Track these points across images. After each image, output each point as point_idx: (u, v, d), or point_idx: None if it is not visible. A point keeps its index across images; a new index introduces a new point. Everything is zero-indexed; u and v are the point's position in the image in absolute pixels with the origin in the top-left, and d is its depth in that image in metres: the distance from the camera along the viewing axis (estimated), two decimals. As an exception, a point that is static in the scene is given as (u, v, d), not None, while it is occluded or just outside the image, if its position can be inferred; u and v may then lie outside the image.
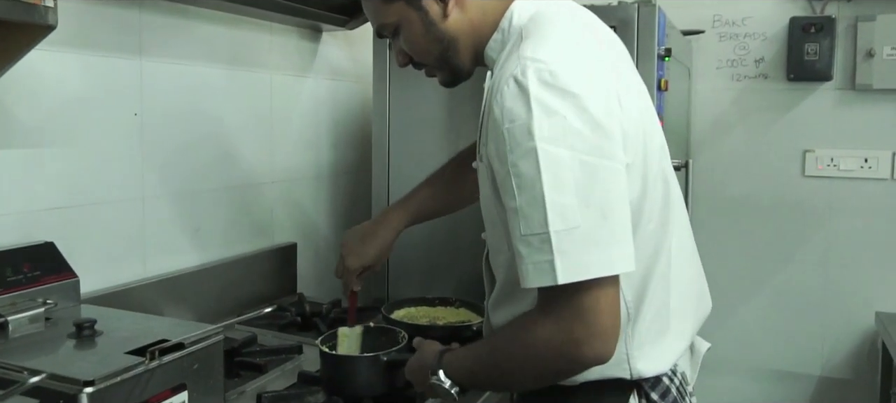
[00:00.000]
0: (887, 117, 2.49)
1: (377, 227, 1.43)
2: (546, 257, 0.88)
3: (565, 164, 0.88)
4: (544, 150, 0.88)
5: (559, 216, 0.87)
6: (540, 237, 0.88)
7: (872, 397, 2.53)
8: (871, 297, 2.55)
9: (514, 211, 0.91)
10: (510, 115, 0.91)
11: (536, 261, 0.89)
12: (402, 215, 1.44)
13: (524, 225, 0.90)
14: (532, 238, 0.89)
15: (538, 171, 0.88)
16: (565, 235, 0.87)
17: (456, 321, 1.71)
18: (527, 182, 0.89)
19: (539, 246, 0.89)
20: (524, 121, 0.89)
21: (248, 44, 1.90)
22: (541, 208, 0.88)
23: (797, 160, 2.63)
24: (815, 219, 2.62)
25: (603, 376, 0.99)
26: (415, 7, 1.06)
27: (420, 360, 1.15)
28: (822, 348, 2.66)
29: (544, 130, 0.88)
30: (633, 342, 0.99)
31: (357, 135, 2.39)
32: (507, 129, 0.91)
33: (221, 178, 1.84)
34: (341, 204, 2.36)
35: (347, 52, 2.32)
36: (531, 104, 0.89)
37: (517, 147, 0.90)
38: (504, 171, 0.93)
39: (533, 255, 0.89)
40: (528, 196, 0.89)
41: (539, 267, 0.89)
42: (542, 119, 0.89)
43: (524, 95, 0.90)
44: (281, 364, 1.51)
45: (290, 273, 2.10)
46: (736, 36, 2.62)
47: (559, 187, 0.88)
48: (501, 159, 0.93)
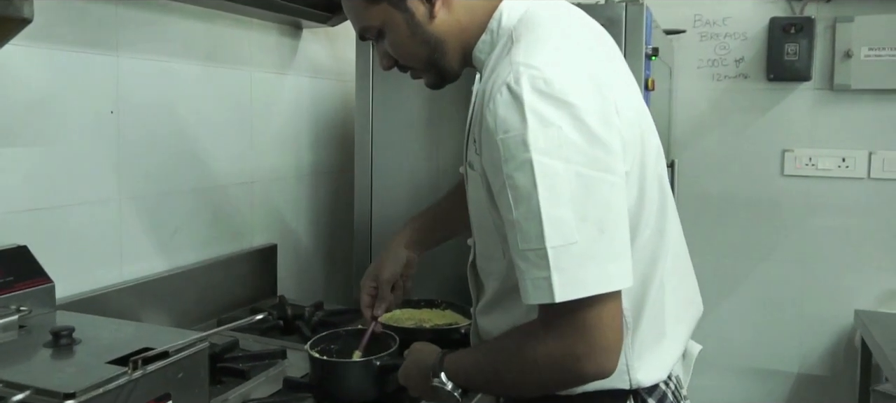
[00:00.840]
0: (864, 117, 2.53)
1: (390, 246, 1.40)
2: (543, 273, 0.86)
3: (561, 177, 0.85)
4: (540, 163, 0.85)
5: (556, 231, 0.85)
6: (537, 252, 0.86)
7: (850, 393, 2.56)
8: (849, 295, 2.59)
9: (512, 224, 0.89)
10: (504, 125, 0.88)
11: (534, 278, 0.87)
12: (410, 232, 1.40)
13: (522, 240, 0.88)
14: (530, 253, 0.87)
15: (534, 185, 0.85)
16: (563, 251, 0.85)
17: (443, 323, 1.68)
18: (523, 195, 0.87)
19: (537, 262, 0.86)
20: (519, 131, 0.86)
21: (227, 40, 1.85)
22: (537, 222, 0.86)
23: (776, 159, 2.65)
24: (794, 218, 2.65)
25: (601, 387, 0.96)
26: (400, 9, 1.02)
27: (418, 363, 1.12)
28: (801, 345, 2.69)
29: (540, 142, 0.86)
30: (633, 352, 0.97)
31: (338, 135, 2.35)
32: (501, 140, 0.88)
33: (200, 178, 1.79)
34: (322, 205, 2.31)
35: (328, 50, 2.28)
36: (526, 114, 0.86)
37: (512, 158, 0.87)
38: (499, 182, 0.90)
39: (531, 271, 0.87)
40: (525, 209, 0.87)
41: (537, 283, 0.87)
42: (538, 130, 0.86)
43: (518, 104, 0.87)
44: (264, 369, 1.47)
45: (269, 275, 2.05)
46: (716, 36, 2.64)
47: (556, 201, 0.85)
48: (496, 170, 0.90)
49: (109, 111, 1.50)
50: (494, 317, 1.09)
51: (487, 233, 1.03)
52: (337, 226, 2.38)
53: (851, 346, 2.59)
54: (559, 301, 0.85)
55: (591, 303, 0.86)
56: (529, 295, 0.88)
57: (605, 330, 0.87)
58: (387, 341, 1.36)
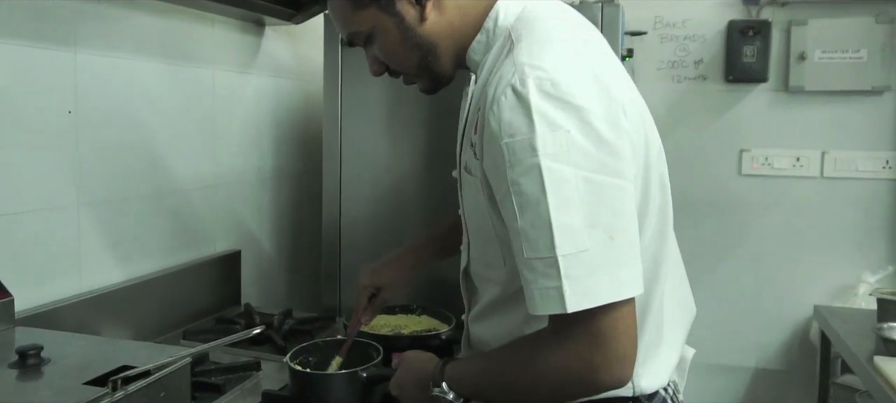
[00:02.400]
0: (817, 118, 2.60)
1: (401, 254, 1.37)
2: (553, 283, 0.82)
3: (570, 183, 0.82)
4: (549, 168, 0.82)
5: (566, 239, 0.82)
6: (545, 261, 0.83)
7: (806, 387, 2.63)
8: (804, 291, 2.66)
9: (517, 232, 0.86)
10: (509, 129, 0.85)
11: (543, 287, 0.83)
12: (426, 247, 1.38)
13: (528, 248, 0.84)
14: (537, 262, 0.84)
15: (543, 191, 0.82)
16: (573, 259, 0.82)
17: (421, 329, 1.64)
18: (530, 201, 0.83)
19: (545, 271, 0.83)
20: (526, 135, 0.83)
21: (189, 37, 1.76)
22: (546, 230, 0.82)
23: (734, 159, 2.71)
24: (752, 217, 2.71)
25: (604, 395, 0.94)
26: (389, 12, 0.98)
27: (415, 372, 1.07)
28: (758, 341, 2.75)
29: (548, 146, 0.82)
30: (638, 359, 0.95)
31: (301, 136, 2.28)
32: (506, 144, 0.85)
33: (162, 182, 1.70)
34: (285, 209, 2.24)
35: (291, 49, 2.21)
36: (533, 117, 0.83)
37: (518, 163, 0.84)
38: (503, 189, 0.87)
39: (539, 280, 0.84)
40: (532, 216, 0.83)
41: (546, 293, 0.83)
42: (546, 133, 0.83)
43: (525, 107, 0.84)
44: (239, 382, 1.40)
45: (233, 282, 1.97)
46: (676, 38, 2.68)
47: (565, 208, 0.82)
48: (500, 175, 0.87)
49: (67, 111, 1.40)
50: (489, 325, 1.05)
51: (486, 240, 1.00)
52: (301, 231, 2.31)
53: (806, 341, 2.67)
54: (571, 311, 0.82)
55: (605, 312, 0.83)
56: (537, 305, 0.85)
57: (621, 338, 0.84)
58: (367, 351, 1.31)
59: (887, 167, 2.57)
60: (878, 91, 2.53)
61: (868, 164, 2.58)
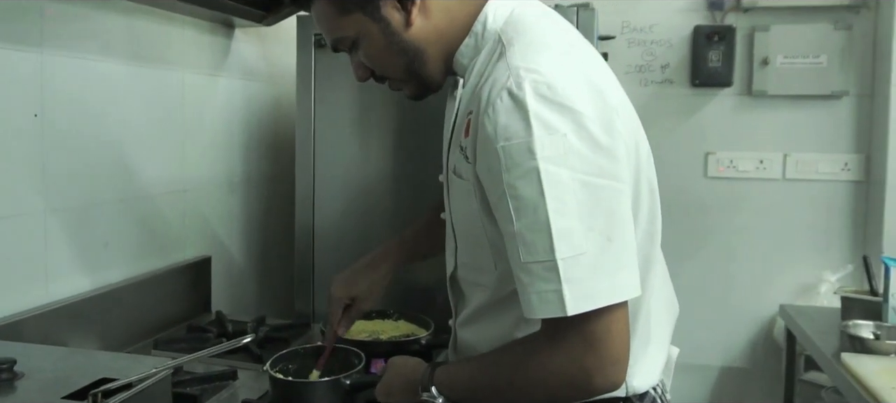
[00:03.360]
0: (780, 121, 2.67)
1: (370, 261, 1.32)
2: (552, 286, 0.82)
3: (567, 186, 0.82)
4: (546, 171, 0.82)
5: (565, 242, 0.82)
6: (544, 265, 0.82)
7: (771, 384, 2.69)
8: (768, 290, 2.72)
9: (512, 236, 0.85)
10: (506, 132, 0.84)
11: (541, 291, 0.83)
12: (396, 249, 1.34)
13: (525, 252, 0.84)
14: (534, 265, 0.83)
15: (541, 194, 0.82)
16: (572, 262, 0.82)
17: (399, 335, 1.63)
18: (527, 205, 0.83)
19: (544, 275, 0.83)
20: (523, 139, 0.83)
21: (159, 38, 1.72)
22: (545, 234, 0.82)
23: (700, 162, 2.76)
24: (716, 218, 2.76)
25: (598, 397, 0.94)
26: (374, 18, 0.97)
27: (402, 378, 1.06)
28: (724, 340, 2.80)
29: (545, 149, 0.82)
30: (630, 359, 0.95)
31: (271, 139, 2.25)
32: (503, 147, 0.84)
33: (130, 187, 1.65)
34: (255, 214, 2.20)
35: (261, 51, 2.17)
36: (531, 120, 0.83)
37: (515, 167, 0.83)
38: (498, 192, 0.86)
39: (537, 284, 0.83)
40: (530, 220, 0.83)
41: (545, 296, 0.83)
42: (544, 137, 0.82)
43: (521, 111, 0.84)
44: (216, 392, 1.36)
45: (203, 289, 1.93)
46: (643, 42, 2.71)
47: (563, 211, 0.82)
48: (495, 179, 0.86)
49: (33, 114, 1.35)
50: (479, 329, 1.05)
51: (476, 244, 0.99)
52: (272, 236, 2.27)
53: (771, 339, 2.73)
54: (571, 314, 0.81)
55: (600, 315, 0.83)
56: (535, 309, 0.85)
57: (614, 341, 0.84)
58: (348, 357, 1.30)
59: (846, 169, 2.65)
60: (837, 95, 2.61)
61: (828, 166, 2.66)
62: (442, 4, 0.99)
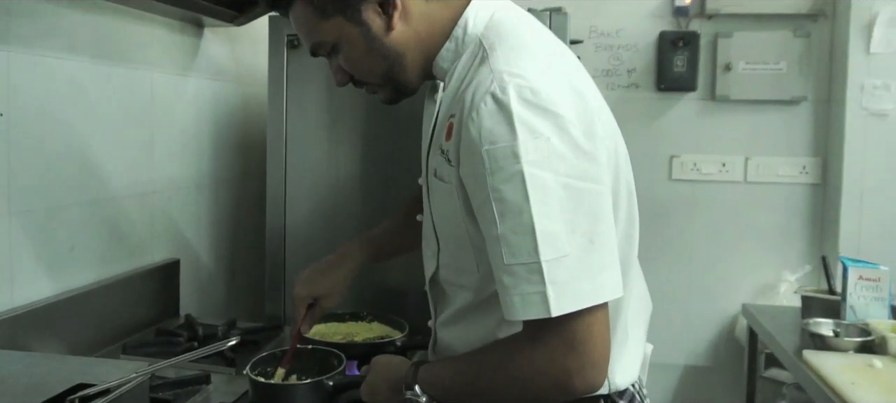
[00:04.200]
0: (742, 125, 2.74)
1: (332, 260, 1.32)
2: (537, 288, 0.83)
3: (551, 189, 0.84)
4: (531, 174, 0.83)
5: (549, 244, 0.83)
6: (528, 267, 0.83)
7: (732, 381, 2.76)
8: (730, 290, 2.79)
9: (496, 239, 0.86)
10: (490, 136, 0.85)
11: (525, 292, 0.84)
12: (359, 249, 1.33)
13: (509, 254, 0.85)
14: (518, 267, 0.84)
15: (526, 197, 0.83)
16: (556, 264, 0.83)
17: (374, 336, 1.62)
18: (512, 208, 0.84)
19: (527, 277, 0.84)
20: (508, 142, 0.84)
21: (126, 37, 1.68)
22: (529, 236, 0.83)
23: (664, 164, 2.81)
24: (680, 219, 2.82)
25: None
26: (355, 22, 0.97)
27: (386, 377, 1.06)
28: (687, 339, 2.87)
29: (530, 153, 0.83)
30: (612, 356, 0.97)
31: (240, 141, 2.22)
32: (487, 151, 0.85)
33: (97, 189, 1.61)
34: (224, 216, 2.17)
35: (230, 51, 2.15)
36: (515, 125, 0.84)
37: (500, 170, 0.84)
38: (482, 195, 0.87)
39: (520, 286, 0.84)
40: (514, 223, 0.84)
41: (528, 298, 0.84)
42: (528, 141, 0.83)
43: (506, 115, 0.85)
44: (189, 397, 1.34)
45: (172, 293, 1.89)
46: (611, 47, 2.76)
47: (547, 214, 0.83)
48: (479, 182, 0.87)
49: (-1, 113, 1.31)
50: (460, 330, 1.05)
51: (459, 246, 0.99)
52: (241, 238, 2.24)
53: (733, 338, 2.80)
54: (555, 315, 0.83)
55: (581, 317, 0.84)
56: (517, 311, 0.85)
57: (595, 343, 0.86)
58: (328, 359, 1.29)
59: (804, 172, 2.73)
60: (796, 100, 2.70)
61: (787, 169, 2.74)
62: (422, 9, 0.99)
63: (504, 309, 0.87)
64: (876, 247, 2.41)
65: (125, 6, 1.65)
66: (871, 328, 1.88)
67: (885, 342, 1.80)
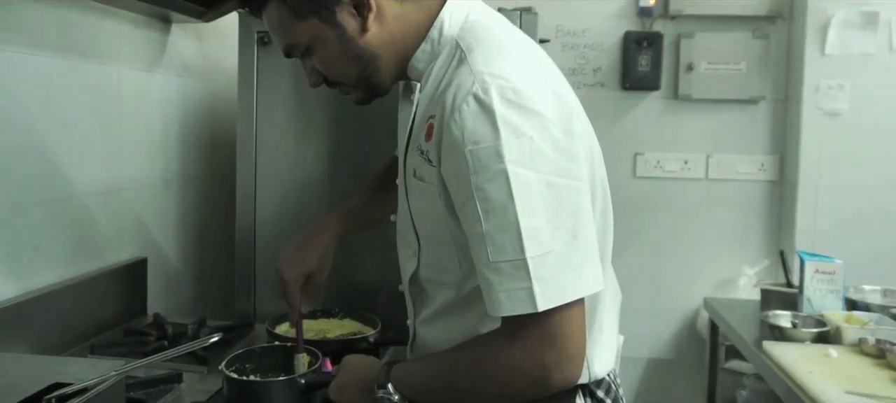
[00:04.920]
0: (703, 124, 2.81)
1: (314, 235, 1.30)
2: (523, 284, 0.85)
3: (534, 187, 0.86)
4: (515, 173, 0.85)
5: (534, 241, 0.85)
6: (513, 263, 0.85)
7: (695, 373, 2.83)
8: (692, 285, 2.86)
9: (480, 237, 0.87)
10: (474, 136, 0.87)
11: (511, 289, 0.86)
12: (339, 220, 1.32)
13: (494, 252, 0.86)
14: (504, 264, 0.86)
15: (510, 196, 0.85)
16: (541, 260, 0.85)
17: (346, 333, 1.63)
18: (496, 206, 0.86)
19: (513, 273, 0.85)
20: (491, 142, 0.86)
21: (91, 31, 1.66)
22: (514, 234, 0.85)
23: (629, 162, 2.87)
24: (644, 216, 2.88)
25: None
26: (330, 23, 0.98)
27: (357, 376, 1.07)
28: (650, 332, 2.93)
29: (513, 152, 0.85)
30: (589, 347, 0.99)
31: (207, 138, 2.20)
32: (471, 151, 0.87)
33: (62, 187, 1.58)
34: (192, 214, 2.15)
35: (197, 47, 2.12)
36: (498, 124, 0.86)
37: (484, 170, 0.86)
38: (466, 194, 0.89)
39: (506, 282, 0.86)
40: (499, 221, 0.86)
41: (514, 294, 0.85)
42: (511, 140, 0.85)
43: (489, 115, 0.86)
44: (161, 396, 1.33)
45: (139, 292, 1.87)
46: (577, 46, 2.80)
47: (531, 211, 0.85)
48: (462, 181, 0.89)
49: (-38, 110, 1.28)
50: (440, 327, 1.07)
51: (441, 244, 1.01)
52: (209, 236, 2.22)
53: (694, 331, 2.87)
54: (542, 309, 0.84)
55: (559, 312, 0.86)
56: (503, 307, 0.87)
57: (572, 338, 0.88)
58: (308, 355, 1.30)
59: (762, 169, 2.82)
60: (755, 100, 2.78)
61: (746, 167, 2.82)
62: (397, 11, 1.00)
63: (488, 305, 0.89)
64: (831, 242, 2.49)
65: (95, 2, 1.62)
66: (827, 319, 1.96)
67: (840, 332, 1.88)
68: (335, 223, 1.31)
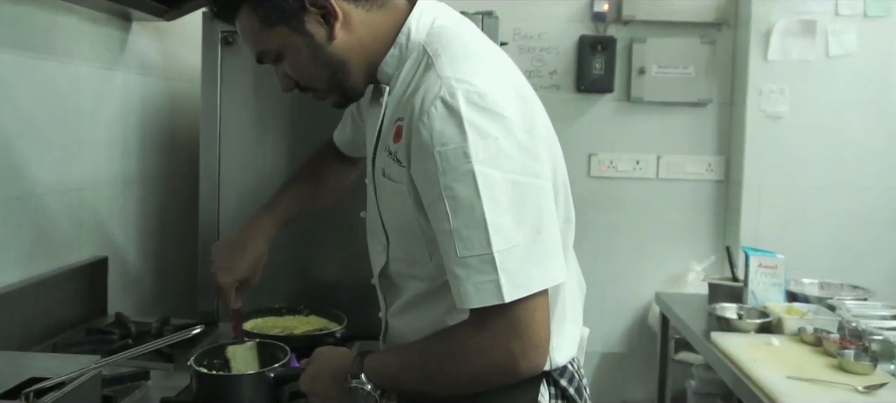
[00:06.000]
0: (654, 125, 2.92)
1: (245, 238, 1.33)
2: (490, 277, 0.89)
3: (500, 186, 0.90)
4: (481, 173, 0.90)
5: (500, 236, 0.89)
6: (481, 258, 0.90)
7: (646, 365, 2.93)
8: (643, 281, 2.97)
9: (449, 233, 0.92)
10: (442, 138, 0.91)
11: (479, 282, 0.90)
12: (270, 221, 1.36)
13: (462, 247, 0.91)
14: (472, 259, 0.90)
15: (477, 194, 0.89)
16: (507, 254, 0.90)
17: (312, 329, 1.65)
18: (464, 204, 0.90)
19: (480, 267, 0.90)
20: (459, 144, 0.90)
21: (49, 28, 1.64)
22: (481, 230, 0.89)
23: (584, 162, 2.96)
24: (598, 214, 2.97)
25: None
26: (299, 31, 1.01)
27: (330, 367, 1.10)
28: (604, 328, 3.02)
29: (479, 153, 0.90)
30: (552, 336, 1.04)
31: (168, 138, 2.19)
32: (439, 152, 0.91)
33: (21, 186, 1.57)
34: (153, 213, 2.14)
35: (158, 46, 2.11)
36: (465, 127, 0.90)
37: (452, 170, 0.90)
38: (435, 193, 0.93)
39: (474, 276, 0.90)
40: (467, 218, 0.90)
41: (482, 287, 0.90)
42: (478, 141, 0.90)
43: (455, 118, 0.91)
44: (129, 393, 1.34)
45: (99, 291, 1.85)
46: (533, 49, 2.88)
47: (497, 208, 0.90)
48: (431, 181, 0.93)
49: (-78, 107, 1.26)
50: (411, 318, 1.10)
51: (411, 239, 1.04)
52: (169, 236, 2.21)
53: (646, 325, 2.98)
54: (508, 300, 0.89)
55: (524, 303, 0.91)
56: (472, 299, 0.91)
57: (538, 327, 0.92)
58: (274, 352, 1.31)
59: (710, 169, 2.94)
60: (703, 103, 2.90)
61: (694, 167, 2.94)
62: (364, 18, 1.04)
63: (456, 298, 0.93)
64: (773, 238, 2.63)
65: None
66: (770, 310, 2.07)
67: (782, 323, 1.99)
68: (267, 226, 1.35)
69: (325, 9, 1.00)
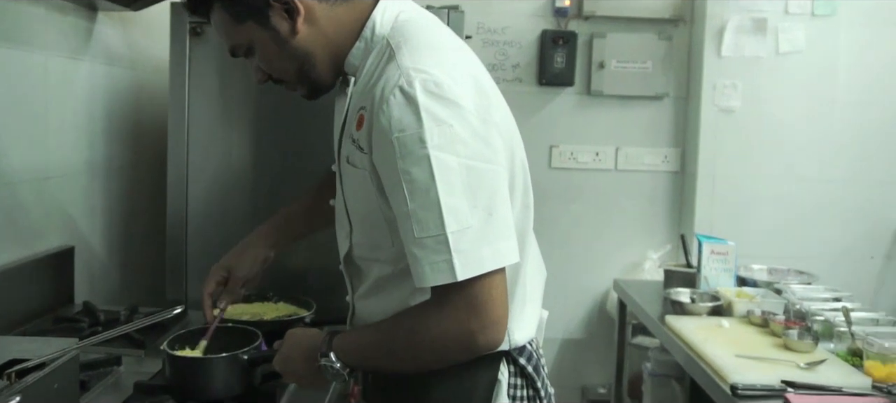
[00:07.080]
0: (613, 118, 3.01)
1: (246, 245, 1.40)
2: (444, 257, 0.95)
3: (454, 170, 0.96)
4: (436, 158, 0.95)
5: (454, 218, 0.95)
6: (436, 239, 0.95)
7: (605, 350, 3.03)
8: (602, 269, 3.06)
9: (406, 215, 0.97)
10: (399, 125, 0.96)
11: (433, 261, 0.95)
12: (268, 231, 1.42)
13: (418, 229, 0.96)
14: (427, 240, 0.96)
15: (432, 177, 0.95)
16: (460, 235, 0.95)
17: (282, 315, 1.69)
18: (420, 187, 0.95)
19: (435, 247, 0.95)
20: (415, 130, 0.95)
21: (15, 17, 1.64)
22: (436, 212, 0.95)
23: (545, 154, 3.03)
24: (559, 205, 3.05)
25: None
26: (265, 26, 1.07)
27: (300, 347, 1.14)
28: (564, 315, 3.11)
29: (435, 139, 0.95)
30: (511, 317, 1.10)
31: (134, 127, 2.19)
32: (397, 138, 0.96)
33: (-11, 174, 1.57)
34: (119, 202, 2.14)
35: (123, 36, 2.11)
36: (421, 114, 0.95)
37: (409, 155, 0.96)
38: (394, 178, 0.98)
39: (429, 256, 0.96)
40: (422, 200, 0.95)
41: (437, 266, 0.95)
42: (433, 128, 0.95)
43: (413, 106, 0.96)
44: (101, 379, 1.36)
45: (66, 280, 1.86)
46: (496, 43, 2.94)
47: (451, 191, 0.95)
48: (390, 166, 0.98)
49: None
50: (377, 300, 1.15)
51: (373, 225, 1.09)
52: (136, 225, 2.22)
53: (604, 311, 3.07)
54: (461, 279, 0.95)
55: (481, 281, 0.96)
56: (427, 278, 0.97)
57: (495, 304, 0.98)
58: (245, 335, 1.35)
59: (666, 161, 3.05)
60: (660, 96, 3.00)
61: (651, 158, 3.04)
62: (328, 12, 1.09)
63: (415, 277, 0.98)
64: (725, 226, 2.74)
65: (17, -13, 1.61)
66: (721, 294, 2.18)
67: (732, 306, 2.09)
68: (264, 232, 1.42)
69: (287, 4, 1.05)
